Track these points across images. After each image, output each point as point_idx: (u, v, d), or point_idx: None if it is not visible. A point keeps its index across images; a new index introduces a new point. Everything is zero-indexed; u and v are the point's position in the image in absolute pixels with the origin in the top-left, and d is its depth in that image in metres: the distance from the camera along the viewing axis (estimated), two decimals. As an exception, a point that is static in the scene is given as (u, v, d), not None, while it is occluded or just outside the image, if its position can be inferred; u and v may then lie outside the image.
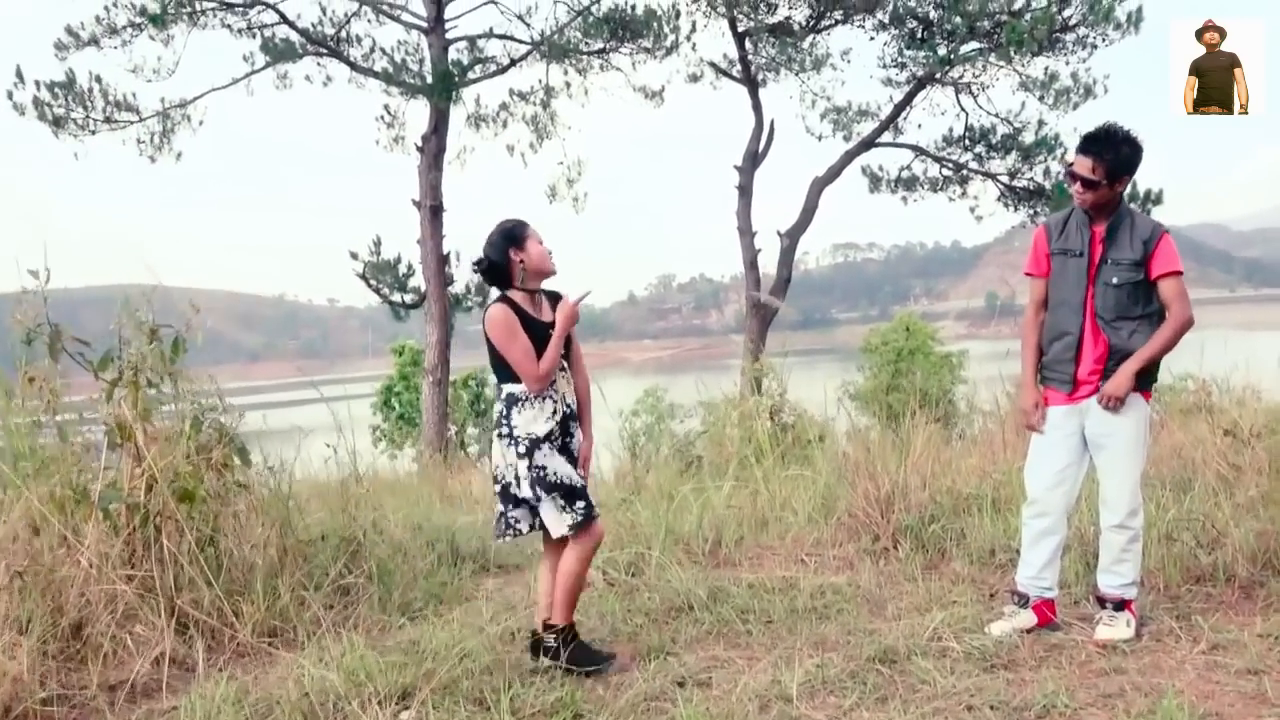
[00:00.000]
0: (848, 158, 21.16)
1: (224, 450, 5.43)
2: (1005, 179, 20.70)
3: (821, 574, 5.79)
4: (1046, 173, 19.97)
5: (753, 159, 20.84)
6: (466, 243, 21.07)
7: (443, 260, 19.21)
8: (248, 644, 4.81)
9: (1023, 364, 4.76)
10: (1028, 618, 4.61)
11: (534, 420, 4.26)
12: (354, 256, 20.03)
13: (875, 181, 21.78)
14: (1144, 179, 19.38)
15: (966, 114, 20.70)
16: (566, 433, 4.36)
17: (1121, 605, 4.50)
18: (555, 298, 4.46)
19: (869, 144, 21.21)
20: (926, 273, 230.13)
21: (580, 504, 4.25)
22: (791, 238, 21.03)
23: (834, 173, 21.13)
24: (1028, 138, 19.99)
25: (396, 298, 20.38)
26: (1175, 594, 5.03)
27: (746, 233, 20.84)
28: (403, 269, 20.17)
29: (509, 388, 4.31)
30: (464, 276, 20.09)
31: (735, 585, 5.52)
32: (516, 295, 4.34)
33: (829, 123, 21.36)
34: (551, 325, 4.33)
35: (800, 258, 24.49)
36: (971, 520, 6.19)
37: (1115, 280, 4.39)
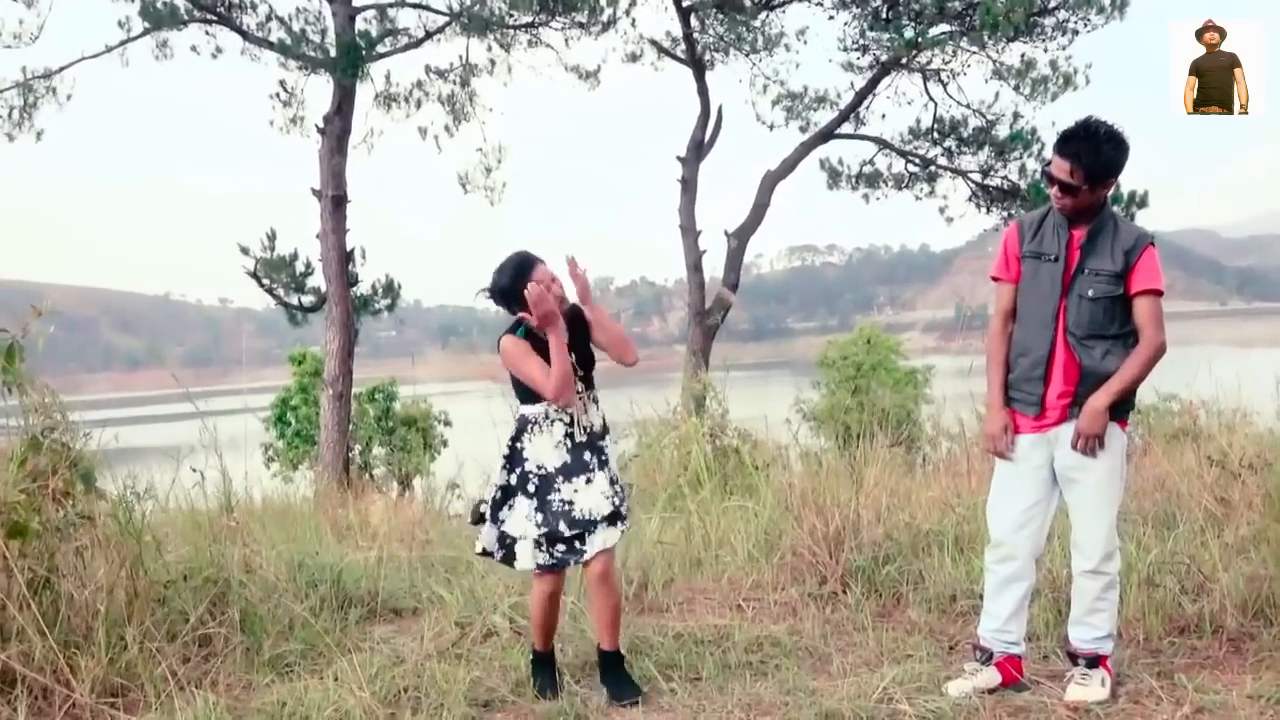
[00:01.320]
0: (803, 150, 21.16)
1: (65, 476, 5.17)
2: (977, 177, 20.81)
3: (760, 622, 5.67)
4: (1022, 171, 20.06)
5: (697, 149, 20.76)
6: (372, 237, 20.74)
7: (346, 257, 18.84)
8: (84, 705, 4.56)
9: (989, 382, 4.64)
10: (990, 676, 4.51)
11: (545, 449, 4.40)
12: (245, 252, 19.52)
13: (834, 177, 21.77)
14: (1128, 180, 19.54)
15: (935, 104, 20.86)
16: (584, 467, 4.43)
17: (1096, 661, 4.42)
18: (573, 311, 4.60)
19: (827, 135, 21.24)
20: (892, 279, 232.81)
21: (558, 549, 4.44)
22: (740, 238, 20.96)
23: (788, 166, 21.11)
24: (1002, 131, 20.10)
25: (293, 299, 19.93)
26: (1156, 647, 4.96)
27: (690, 231, 20.73)
28: (300, 267, 19.73)
29: (523, 409, 4.48)
30: (370, 276, 19.74)
31: (661, 636, 5.38)
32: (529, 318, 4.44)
33: (782, 110, 21.41)
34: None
35: (752, 261, 24.60)
36: (931, 561, 6.10)
37: (1091, 293, 4.29)
